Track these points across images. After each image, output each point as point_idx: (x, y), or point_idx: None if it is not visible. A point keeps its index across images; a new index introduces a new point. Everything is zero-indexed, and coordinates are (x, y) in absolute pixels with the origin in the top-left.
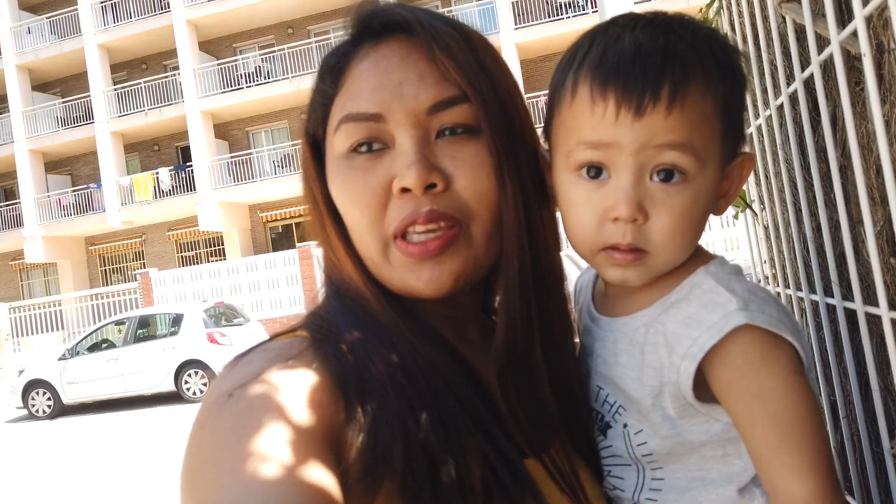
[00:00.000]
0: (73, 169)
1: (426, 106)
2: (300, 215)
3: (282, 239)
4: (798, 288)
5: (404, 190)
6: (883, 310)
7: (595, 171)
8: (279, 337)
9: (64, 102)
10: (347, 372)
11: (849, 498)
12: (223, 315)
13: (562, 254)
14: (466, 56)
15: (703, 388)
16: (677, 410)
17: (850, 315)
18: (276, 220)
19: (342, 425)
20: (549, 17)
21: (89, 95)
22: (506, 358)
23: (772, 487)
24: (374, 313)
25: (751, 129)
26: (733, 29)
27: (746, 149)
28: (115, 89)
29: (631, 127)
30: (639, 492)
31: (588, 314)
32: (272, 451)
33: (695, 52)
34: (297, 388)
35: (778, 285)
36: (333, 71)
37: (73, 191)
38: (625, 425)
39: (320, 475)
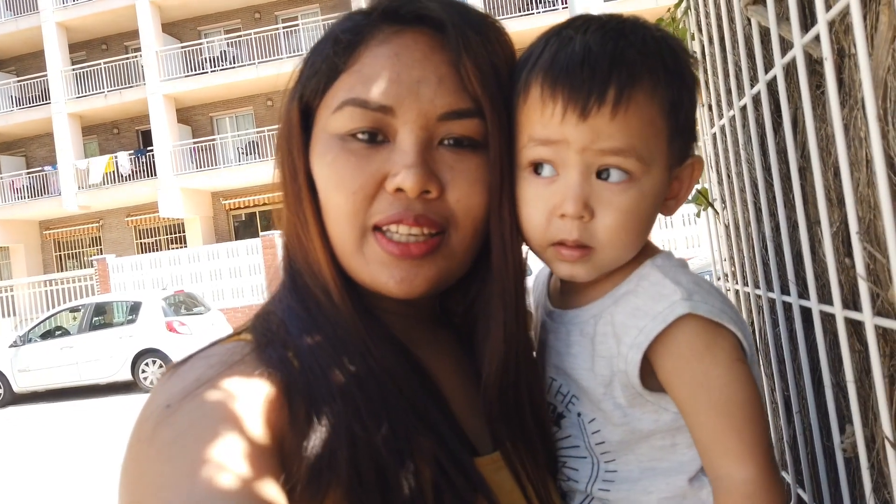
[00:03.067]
0: (28, 150)
1: (439, 112)
2: (264, 204)
3: (245, 227)
4: (756, 285)
5: (398, 190)
6: (837, 308)
7: (545, 168)
8: (222, 342)
9: (19, 81)
10: (292, 377)
11: (799, 491)
12: (183, 304)
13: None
14: (490, 70)
15: (650, 377)
16: (627, 399)
17: (806, 313)
18: (239, 207)
19: (287, 432)
20: (521, 11)
21: (46, 75)
22: (502, 375)
23: (714, 472)
24: (327, 310)
25: (714, 130)
26: (700, 29)
27: (709, 149)
28: (74, 69)
29: (576, 127)
30: (592, 482)
31: (544, 309)
32: (213, 464)
33: (643, 57)
34: (238, 396)
35: (737, 282)
36: (347, 47)
37: (28, 173)
38: (579, 414)
39: (264, 485)
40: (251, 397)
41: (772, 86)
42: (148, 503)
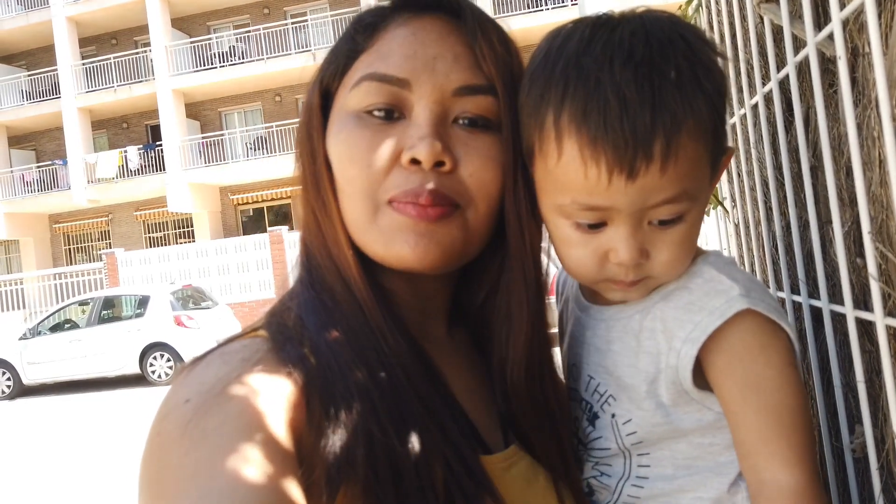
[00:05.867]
0: (38, 144)
1: (454, 86)
2: (272, 199)
3: (252, 222)
4: (766, 285)
5: (413, 161)
6: (848, 308)
7: (592, 225)
8: (238, 338)
9: (29, 76)
10: (310, 375)
11: None
12: (191, 298)
13: None
14: (503, 53)
15: (698, 375)
16: (672, 398)
17: (816, 312)
18: (247, 203)
19: (304, 429)
20: (529, 8)
21: (56, 69)
22: (528, 354)
23: (757, 476)
24: (343, 300)
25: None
26: (711, 27)
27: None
28: (84, 64)
29: (625, 192)
30: (624, 480)
31: (577, 304)
32: (232, 457)
33: (681, 92)
34: (257, 393)
35: None
36: (367, 28)
37: (38, 167)
38: (613, 415)
39: (283, 479)
40: (270, 394)
41: (784, 84)
42: (165, 496)
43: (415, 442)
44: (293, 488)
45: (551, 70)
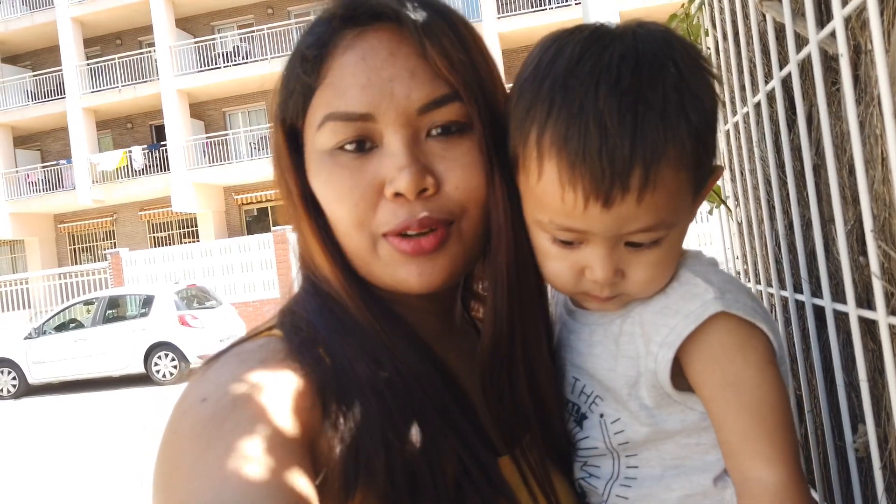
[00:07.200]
0: (43, 144)
1: (417, 105)
2: (276, 199)
3: (256, 222)
4: (769, 284)
5: (397, 194)
6: (850, 307)
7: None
8: (252, 338)
9: (35, 76)
10: (326, 377)
11: (811, 491)
12: (195, 297)
13: None
14: (457, 51)
15: (679, 377)
16: (654, 400)
17: (819, 311)
18: (251, 202)
19: (320, 430)
20: (533, 7)
21: (61, 69)
22: (490, 353)
23: (741, 475)
24: (350, 313)
25: (728, 127)
26: (714, 25)
27: (723, 146)
28: (88, 64)
29: (600, 217)
30: (612, 481)
31: (564, 307)
32: (246, 457)
33: (665, 123)
34: (273, 393)
35: (749, 281)
36: (315, 61)
37: (43, 167)
38: (601, 415)
39: (296, 480)
40: (286, 395)
41: (786, 82)
42: (179, 492)
43: (430, 446)
44: (307, 490)
45: (539, 85)
